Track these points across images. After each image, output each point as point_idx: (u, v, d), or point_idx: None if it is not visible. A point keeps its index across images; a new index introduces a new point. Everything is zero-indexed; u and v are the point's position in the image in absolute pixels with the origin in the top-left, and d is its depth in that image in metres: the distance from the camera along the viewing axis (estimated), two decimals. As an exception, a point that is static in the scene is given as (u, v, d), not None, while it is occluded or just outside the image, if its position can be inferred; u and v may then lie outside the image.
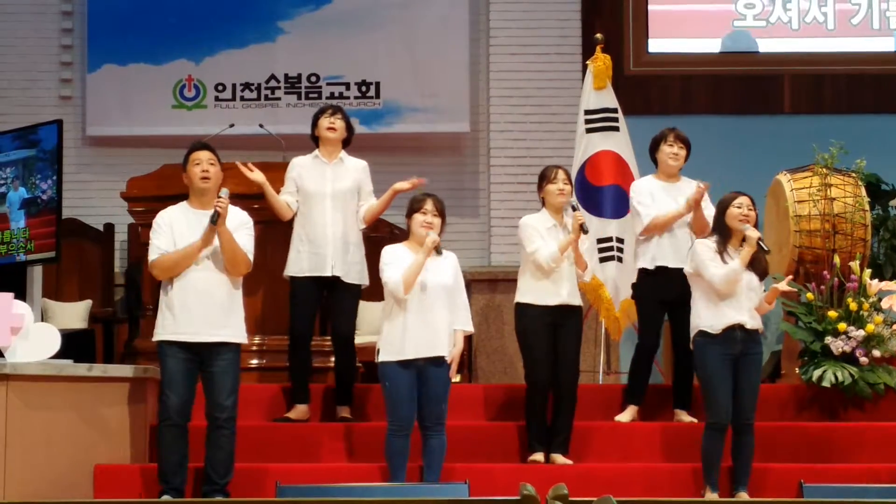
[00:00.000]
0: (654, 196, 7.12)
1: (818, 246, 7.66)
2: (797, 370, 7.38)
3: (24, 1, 10.66)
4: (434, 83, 10.41)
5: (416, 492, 5.61)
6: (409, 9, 10.52)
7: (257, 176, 7.03)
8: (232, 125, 9.15)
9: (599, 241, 8.31)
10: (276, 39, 10.58)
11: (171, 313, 6.13)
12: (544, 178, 6.87)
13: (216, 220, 6.05)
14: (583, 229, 6.67)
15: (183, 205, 6.30)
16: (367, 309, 8.59)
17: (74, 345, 8.02)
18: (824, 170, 7.77)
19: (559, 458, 6.68)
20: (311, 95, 10.48)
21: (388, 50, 10.51)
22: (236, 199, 7.45)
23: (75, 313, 9.35)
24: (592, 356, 9.18)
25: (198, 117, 10.41)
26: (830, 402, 7.28)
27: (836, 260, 7.51)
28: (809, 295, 7.44)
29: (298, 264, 7.03)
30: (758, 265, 6.43)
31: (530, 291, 6.77)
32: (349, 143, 7.26)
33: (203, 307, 6.09)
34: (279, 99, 10.45)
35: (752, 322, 6.39)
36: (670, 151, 7.19)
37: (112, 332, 9.61)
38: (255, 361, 7.65)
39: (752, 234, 6.38)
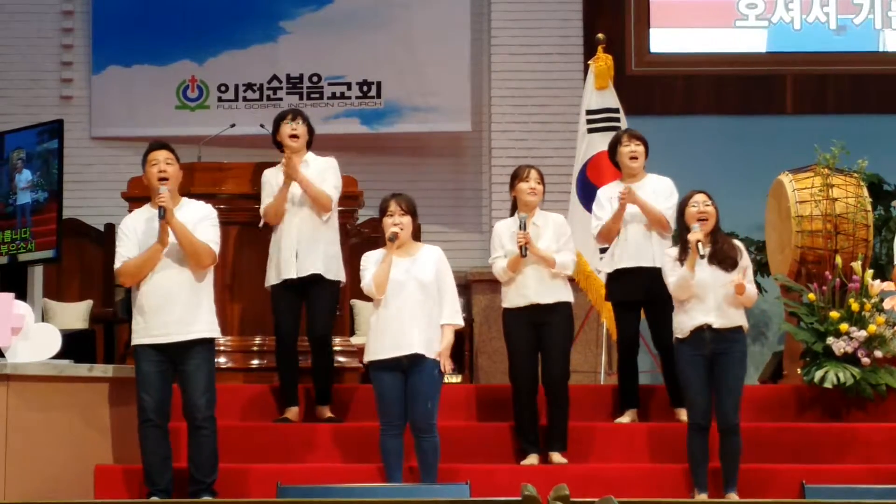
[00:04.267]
0: (612, 201, 7.03)
1: (820, 246, 7.64)
2: (799, 371, 7.36)
3: (25, 0, 10.66)
4: (435, 83, 10.42)
5: (417, 492, 5.58)
6: (410, 9, 10.53)
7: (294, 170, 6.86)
8: (233, 125, 9.15)
9: (601, 241, 8.29)
10: (279, 40, 10.60)
11: (141, 317, 6.13)
12: (516, 176, 6.81)
13: (163, 214, 6.03)
14: (521, 253, 6.59)
15: (146, 207, 6.30)
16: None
17: (75, 345, 8.01)
18: (826, 170, 7.75)
19: (556, 457, 6.65)
20: (312, 95, 10.48)
21: (390, 50, 10.51)
22: (238, 198, 7.47)
23: (76, 313, 9.34)
24: (594, 356, 9.17)
25: (201, 118, 10.42)
26: (832, 402, 7.26)
27: (838, 260, 7.49)
28: (811, 296, 7.42)
29: (271, 272, 6.96)
30: (723, 257, 6.32)
31: (505, 296, 6.80)
32: (311, 143, 7.11)
33: (171, 307, 6.06)
34: (281, 99, 10.45)
35: (722, 321, 6.29)
36: (628, 151, 7.12)
37: (113, 332, 9.60)
38: (255, 362, 7.64)
39: (692, 237, 6.27)
